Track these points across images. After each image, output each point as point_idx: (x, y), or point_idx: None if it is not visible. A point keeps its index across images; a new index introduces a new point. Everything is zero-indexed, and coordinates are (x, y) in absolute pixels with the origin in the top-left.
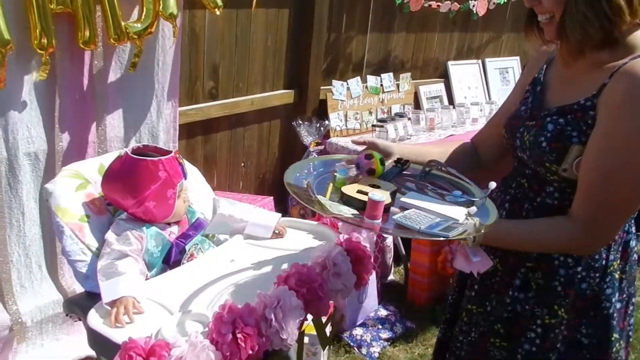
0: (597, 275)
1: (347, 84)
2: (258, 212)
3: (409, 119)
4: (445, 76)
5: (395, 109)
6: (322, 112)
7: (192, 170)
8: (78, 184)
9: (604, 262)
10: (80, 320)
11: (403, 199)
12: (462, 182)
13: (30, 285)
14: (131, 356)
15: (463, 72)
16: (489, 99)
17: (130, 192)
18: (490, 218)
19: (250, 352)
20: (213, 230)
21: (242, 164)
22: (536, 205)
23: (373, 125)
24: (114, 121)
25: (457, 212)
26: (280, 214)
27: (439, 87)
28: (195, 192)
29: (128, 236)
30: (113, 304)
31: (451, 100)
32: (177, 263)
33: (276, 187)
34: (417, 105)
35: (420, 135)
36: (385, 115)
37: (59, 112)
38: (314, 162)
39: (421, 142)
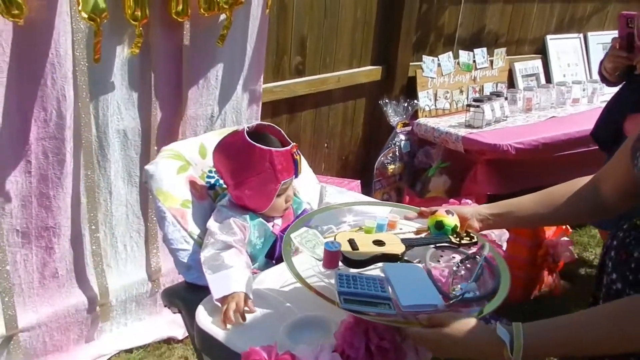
0: None
1: (438, 60)
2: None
3: (506, 98)
4: (542, 52)
5: (488, 87)
6: (410, 90)
7: None
8: (179, 166)
9: None
10: (179, 312)
11: (387, 265)
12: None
13: (116, 264)
14: None
15: (562, 48)
16: (590, 77)
17: (231, 173)
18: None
19: None
20: (319, 221)
21: (325, 145)
22: None
23: (468, 105)
24: (202, 98)
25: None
26: (392, 205)
27: (535, 64)
28: (301, 179)
29: (231, 225)
30: (223, 300)
31: (548, 79)
32: (281, 259)
33: (359, 170)
34: (511, 84)
35: (516, 116)
36: (477, 95)
37: (149, 88)
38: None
39: (518, 125)
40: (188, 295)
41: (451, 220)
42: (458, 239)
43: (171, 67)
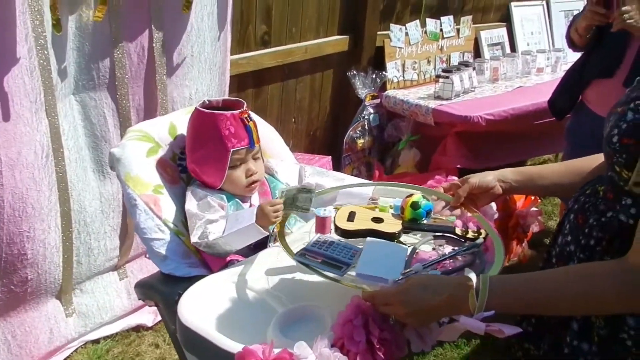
0: None
1: (406, 29)
2: (350, 181)
3: (474, 68)
4: (507, 20)
5: (455, 57)
6: (378, 61)
7: (272, 134)
8: (148, 148)
9: None
10: (156, 306)
11: (370, 238)
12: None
13: (87, 260)
14: None
15: (526, 15)
16: (553, 46)
17: (186, 145)
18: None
19: None
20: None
21: (293, 120)
22: (604, 222)
23: (437, 76)
24: (171, 73)
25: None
26: (375, 184)
27: (500, 32)
28: (279, 159)
29: (210, 203)
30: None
31: (513, 47)
32: (262, 245)
33: (328, 145)
34: (477, 53)
35: (484, 87)
36: (445, 65)
37: (114, 63)
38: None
39: (486, 95)
40: (165, 287)
41: (425, 202)
42: (464, 232)
43: (139, 38)
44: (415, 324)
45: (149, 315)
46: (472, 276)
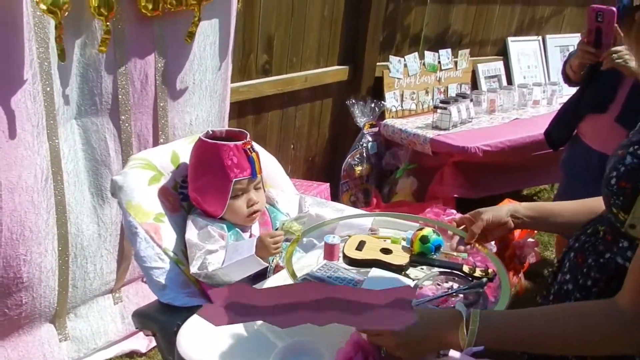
0: None
1: (404, 60)
2: (349, 213)
3: (471, 100)
4: (503, 53)
5: (452, 88)
6: (376, 91)
7: (274, 164)
8: (151, 177)
9: None
10: (153, 335)
11: (374, 270)
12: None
13: (83, 284)
14: None
15: (522, 50)
16: (549, 79)
17: (189, 174)
18: None
19: None
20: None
21: (292, 146)
22: (602, 263)
23: (435, 107)
24: (172, 99)
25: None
26: (374, 215)
27: (497, 66)
28: (280, 189)
29: (210, 233)
30: (258, 249)
31: (509, 80)
32: (261, 276)
33: (326, 171)
34: (475, 85)
35: (481, 118)
36: (442, 96)
37: (117, 89)
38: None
39: (483, 127)
40: (163, 317)
41: (435, 236)
42: (471, 270)
43: (143, 68)
44: (406, 356)
45: (143, 341)
46: (463, 310)
